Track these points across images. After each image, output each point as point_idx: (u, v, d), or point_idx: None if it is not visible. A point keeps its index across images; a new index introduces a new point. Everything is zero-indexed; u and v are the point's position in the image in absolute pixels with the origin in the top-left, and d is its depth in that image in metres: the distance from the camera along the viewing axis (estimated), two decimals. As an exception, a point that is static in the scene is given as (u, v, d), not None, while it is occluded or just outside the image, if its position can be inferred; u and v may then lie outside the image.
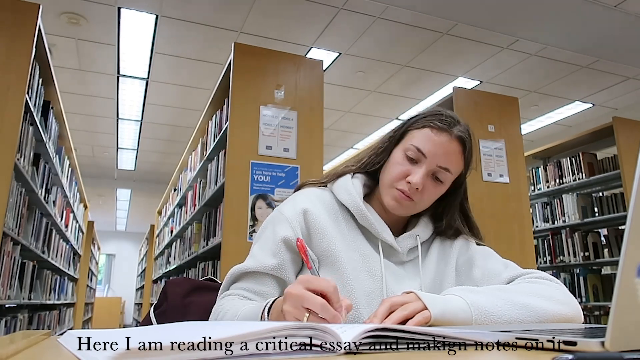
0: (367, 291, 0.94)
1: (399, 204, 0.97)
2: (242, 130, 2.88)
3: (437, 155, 0.96)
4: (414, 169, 0.96)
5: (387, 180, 0.99)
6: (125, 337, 0.51)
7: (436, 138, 0.96)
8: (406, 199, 0.96)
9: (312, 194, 1.03)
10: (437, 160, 0.96)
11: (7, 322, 3.00)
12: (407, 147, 0.97)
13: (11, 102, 2.36)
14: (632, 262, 0.43)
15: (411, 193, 0.95)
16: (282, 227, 0.96)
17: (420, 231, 1.04)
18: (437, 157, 0.96)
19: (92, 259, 8.90)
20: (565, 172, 4.36)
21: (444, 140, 0.97)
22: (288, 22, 4.44)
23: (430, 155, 0.95)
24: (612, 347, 0.43)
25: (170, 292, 1.09)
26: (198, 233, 3.93)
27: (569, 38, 4.50)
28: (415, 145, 0.96)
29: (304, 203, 1.00)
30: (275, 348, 0.44)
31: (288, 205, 1.01)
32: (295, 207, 0.99)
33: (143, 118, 6.76)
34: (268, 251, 0.94)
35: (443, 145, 0.96)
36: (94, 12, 4.22)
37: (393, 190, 0.97)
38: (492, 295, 0.83)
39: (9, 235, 2.56)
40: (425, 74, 5.44)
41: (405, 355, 0.48)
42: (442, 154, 0.96)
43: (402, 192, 0.96)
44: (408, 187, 0.95)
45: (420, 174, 0.94)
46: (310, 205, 0.99)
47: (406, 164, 0.97)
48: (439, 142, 0.96)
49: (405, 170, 0.96)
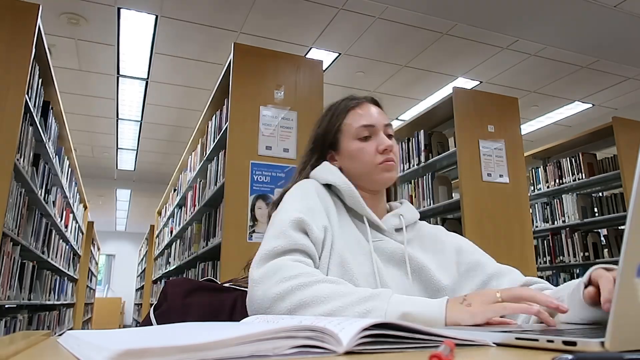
0: (365, 274, 0.96)
1: (390, 172, 1.05)
2: (242, 130, 2.88)
3: (379, 119, 1.08)
4: (375, 141, 1.06)
5: (366, 166, 1.05)
6: (124, 337, 0.51)
7: (365, 110, 1.09)
8: (392, 164, 1.05)
9: (311, 184, 1.05)
10: (382, 122, 1.08)
11: (7, 323, 3.00)
12: (355, 133, 1.07)
13: (11, 102, 2.36)
14: (632, 262, 0.43)
15: (391, 156, 1.05)
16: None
17: (404, 211, 1.09)
18: (380, 120, 1.08)
19: (91, 259, 8.90)
20: (565, 172, 4.36)
21: (369, 108, 1.10)
22: (288, 23, 4.44)
23: (376, 121, 1.07)
24: (612, 347, 0.43)
25: (170, 293, 1.09)
26: (198, 233, 3.93)
27: (569, 38, 4.50)
28: (362, 125, 1.06)
29: (313, 193, 1.02)
30: (275, 349, 0.44)
31: (297, 203, 1.00)
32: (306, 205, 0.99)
33: (143, 118, 6.76)
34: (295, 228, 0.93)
35: (372, 110, 1.10)
36: (94, 12, 4.23)
37: (378, 167, 1.04)
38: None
39: (9, 236, 2.56)
40: (425, 74, 5.45)
41: (405, 355, 0.48)
42: (378, 115, 1.09)
43: (386, 161, 1.04)
44: (385, 153, 1.04)
45: (383, 138, 1.06)
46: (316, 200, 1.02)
47: (366, 144, 1.06)
48: (369, 111, 1.09)
49: (372, 148, 1.05)
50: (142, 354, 0.37)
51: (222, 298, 1.04)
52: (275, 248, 0.89)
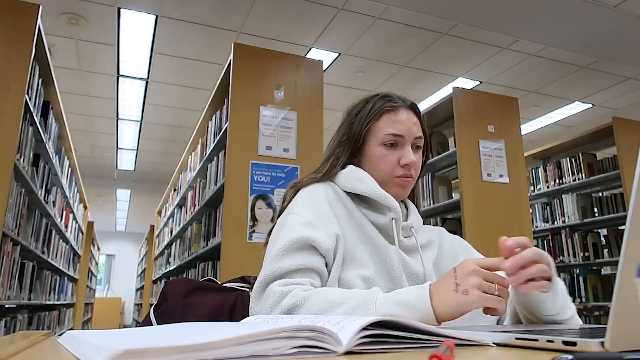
0: (386, 280, 0.95)
1: (404, 188, 1.03)
2: (242, 130, 2.88)
3: (410, 130, 1.02)
4: (400, 152, 1.02)
5: (383, 175, 1.02)
6: (124, 337, 0.51)
7: (400, 116, 1.03)
8: (408, 180, 1.02)
9: (324, 192, 1.02)
10: (413, 133, 1.03)
11: (7, 323, 3.00)
12: (381, 139, 1.02)
13: (11, 102, 2.36)
14: (632, 262, 0.43)
15: (410, 172, 1.02)
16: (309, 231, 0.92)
17: (414, 219, 1.07)
18: (411, 131, 1.02)
19: (91, 259, 8.90)
20: (565, 172, 4.36)
21: (406, 115, 1.04)
22: (288, 23, 4.44)
23: (406, 133, 1.02)
24: (612, 347, 0.43)
25: (170, 293, 1.09)
26: (198, 233, 3.93)
27: (569, 38, 4.50)
28: (389, 133, 1.01)
29: (324, 202, 0.99)
30: (275, 349, 0.44)
31: (307, 209, 0.98)
32: (316, 211, 0.97)
33: (143, 118, 6.76)
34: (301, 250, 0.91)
35: (408, 119, 1.03)
36: (94, 12, 4.22)
37: (394, 179, 1.02)
38: None
39: (9, 236, 2.56)
40: (425, 74, 5.45)
41: (405, 355, 0.48)
42: (412, 126, 1.03)
43: (403, 177, 1.01)
44: (405, 169, 1.01)
45: (409, 152, 1.01)
46: (328, 203, 1.00)
47: (390, 153, 1.02)
48: (405, 118, 1.03)
49: (395, 157, 1.01)
50: (142, 354, 0.37)
51: (222, 298, 1.04)
52: (271, 274, 0.88)
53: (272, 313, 0.83)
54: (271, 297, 0.84)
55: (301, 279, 0.88)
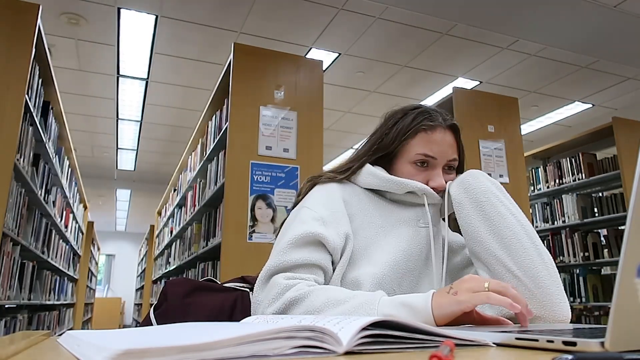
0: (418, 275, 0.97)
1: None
2: (241, 130, 2.88)
3: (444, 152, 0.99)
4: (430, 173, 1.00)
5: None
6: (124, 337, 0.51)
7: (436, 137, 0.99)
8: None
9: (338, 189, 1.02)
10: (446, 156, 1.00)
11: (7, 323, 3.00)
12: (412, 157, 1.00)
13: (11, 102, 2.36)
14: (632, 262, 0.43)
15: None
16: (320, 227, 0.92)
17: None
18: (445, 154, 0.99)
19: (91, 259, 8.90)
20: (565, 172, 4.36)
21: (442, 135, 1.00)
22: (288, 23, 4.44)
23: (439, 155, 0.99)
24: (612, 347, 0.43)
25: (170, 293, 1.09)
26: (198, 233, 3.93)
27: (569, 38, 4.50)
28: (421, 153, 0.99)
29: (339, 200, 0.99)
30: (275, 349, 0.44)
31: (321, 206, 0.97)
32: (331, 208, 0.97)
33: (143, 118, 6.76)
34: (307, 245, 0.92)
35: (445, 140, 0.99)
36: (94, 12, 4.22)
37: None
38: None
39: (9, 236, 2.56)
40: (425, 74, 5.45)
41: (405, 355, 0.48)
42: (447, 148, 0.99)
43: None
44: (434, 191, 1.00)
45: (439, 175, 0.99)
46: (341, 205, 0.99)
47: (419, 172, 1.00)
48: (440, 139, 0.99)
49: (423, 179, 1.00)
50: (142, 354, 0.37)
51: (222, 298, 1.04)
52: (277, 265, 0.88)
53: (275, 304, 0.83)
54: (275, 288, 0.85)
55: (306, 275, 0.88)
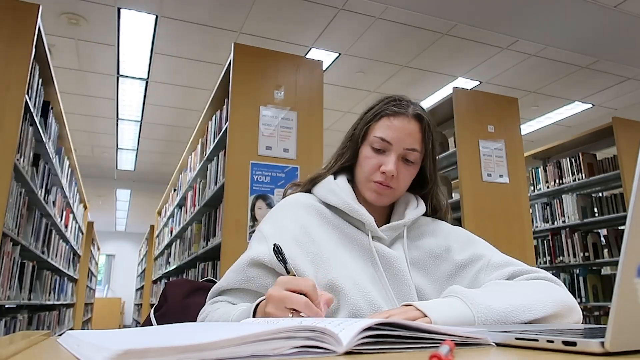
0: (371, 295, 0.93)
1: (380, 195, 1.00)
2: (241, 130, 2.88)
3: (401, 139, 0.98)
4: (384, 158, 0.99)
5: (363, 176, 1.01)
6: (125, 337, 0.51)
7: (395, 123, 0.99)
8: (385, 188, 0.99)
9: (295, 202, 1.04)
10: (403, 144, 0.98)
11: (7, 323, 3.00)
12: (372, 140, 1.00)
13: (11, 102, 2.36)
14: (632, 262, 0.43)
15: (388, 181, 0.98)
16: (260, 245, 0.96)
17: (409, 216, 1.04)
18: (402, 141, 0.98)
19: (91, 259, 8.90)
20: (565, 172, 4.36)
21: (403, 123, 1.00)
22: (288, 23, 4.44)
23: (395, 141, 0.98)
24: (612, 348, 0.43)
25: (170, 294, 1.10)
26: (198, 233, 3.93)
27: (569, 38, 4.50)
28: (379, 136, 0.99)
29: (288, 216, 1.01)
30: (275, 349, 0.44)
31: (269, 223, 1.01)
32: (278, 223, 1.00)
33: (143, 118, 6.76)
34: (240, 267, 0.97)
35: (404, 128, 0.99)
36: (94, 12, 4.22)
37: (370, 184, 1.00)
38: (493, 293, 0.83)
39: (9, 236, 2.56)
40: (425, 74, 5.45)
41: (405, 355, 0.48)
42: (405, 136, 0.99)
43: (379, 184, 0.99)
44: (384, 177, 0.98)
45: (391, 161, 0.97)
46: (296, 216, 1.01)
47: (375, 156, 1.00)
48: (399, 126, 0.99)
49: (377, 162, 0.99)
50: (142, 354, 0.37)
51: (221, 298, 1.04)
52: (214, 289, 0.98)
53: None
54: (203, 309, 0.96)
55: (230, 298, 0.95)
